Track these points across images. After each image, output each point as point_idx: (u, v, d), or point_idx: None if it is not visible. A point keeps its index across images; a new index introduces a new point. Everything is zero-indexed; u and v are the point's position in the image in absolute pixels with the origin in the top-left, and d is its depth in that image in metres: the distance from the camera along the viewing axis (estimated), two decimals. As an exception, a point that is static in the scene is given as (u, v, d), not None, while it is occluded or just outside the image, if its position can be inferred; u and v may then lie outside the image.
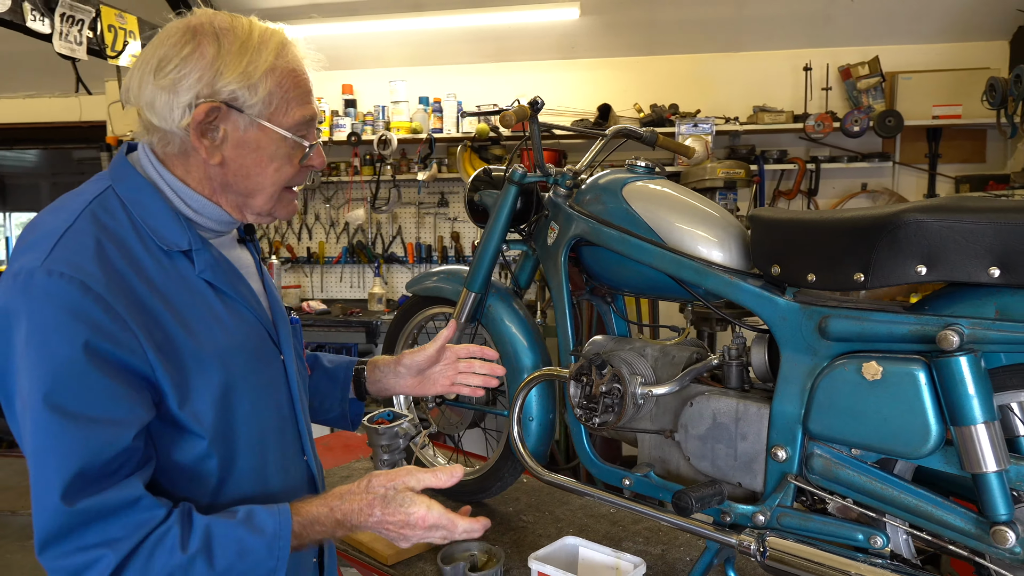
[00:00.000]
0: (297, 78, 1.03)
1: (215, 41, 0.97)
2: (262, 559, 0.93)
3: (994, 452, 1.04)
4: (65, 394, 0.85)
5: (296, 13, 4.23)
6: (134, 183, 0.99)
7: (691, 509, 1.26)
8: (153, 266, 0.95)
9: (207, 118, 0.97)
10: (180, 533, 0.89)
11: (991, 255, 1.05)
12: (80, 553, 0.85)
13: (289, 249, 4.74)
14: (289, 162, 1.05)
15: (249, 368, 1.02)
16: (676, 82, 4.23)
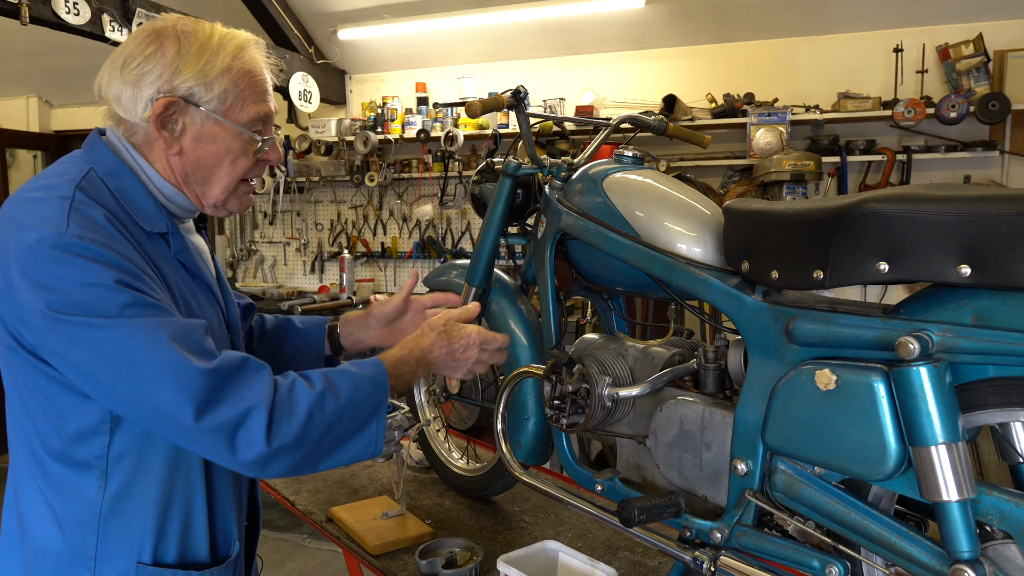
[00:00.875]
0: (252, 78, 1.11)
1: (176, 42, 1.06)
2: (370, 393, 1.09)
3: (955, 478, 0.90)
4: (133, 311, 0.94)
5: (370, 14, 4.35)
6: (113, 167, 1.07)
7: (633, 520, 1.18)
8: (146, 242, 1.05)
9: (166, 111, 1.06)
10: (304, 380, 1.04)
11: (960, 251, 0.91)
12: (235, 407, 0.96)
13: (364, 244, 4.90)
14: (244, 155, 1.13)
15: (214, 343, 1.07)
16: (753, 70, 4.00)
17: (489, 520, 1.92)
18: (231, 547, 1.16)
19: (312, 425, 1.00)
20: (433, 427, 2.18)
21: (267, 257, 5.26)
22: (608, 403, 1.36)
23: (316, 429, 1.01)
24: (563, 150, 4.04)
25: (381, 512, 1.86)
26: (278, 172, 4.85)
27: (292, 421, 0.99)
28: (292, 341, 1.44)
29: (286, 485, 2.15)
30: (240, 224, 5.29)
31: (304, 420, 1.00)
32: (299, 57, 4.39)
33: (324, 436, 1.02)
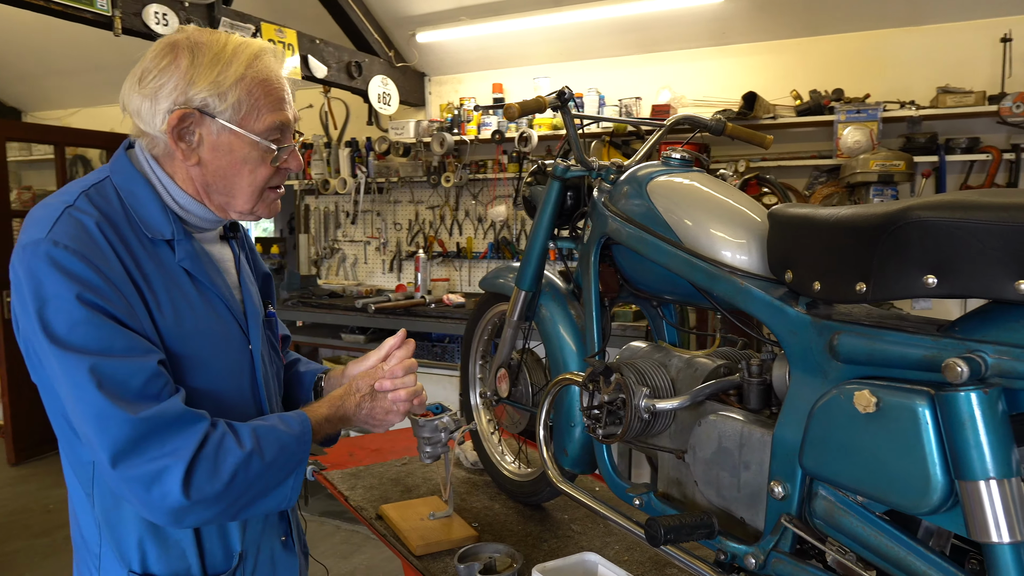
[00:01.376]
0: (267, 87, 1.11)
1: (189, 54, 1.08)
2: (294, 452, 1.11)
3: (1006, 518, 0.81)
4: (83, 338, 0.97)
5: (447, 17, 4.40)
6: (129, 175, 1.11)
7: (660, 539, 1.13)
8: (139, 249, 1.07)
9: (181, 123, 1.07)
10: (234, 436, 1.04)
11: (1017, 264, 0.82)
12: (150, 463, 0.97)
13: (440, 244, 4.96)
14: (263, 164, 1.13)
15: (214, 351, 1.12)
16: (843, 64, 3.78)
17: (536, 527, 1.89)
18: (229, 561, 1.16)
19: (235, 483, 1.02)
20: (487, 429, 2.18)
21: (348, 255, 5.42)
22: (645, 415, 1.31)
23: (238, 487, 1.02)
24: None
25: (429, 512, 1.87)
26: (359, 173, 4.99)
27: (215, 480, 1.00)
28: (292, 383, 1.44)
29: (343, 480, 2.20)
30: (324, 223, 5.47)
31: (228, 479, 1.01)
32: (378, 60, 4.49)
33: (245, 492, 1.04)
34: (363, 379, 1.25)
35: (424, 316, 4.12)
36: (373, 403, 1.23)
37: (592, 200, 1.61)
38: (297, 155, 1.19)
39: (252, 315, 1.22)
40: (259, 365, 1.20)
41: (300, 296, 4.69)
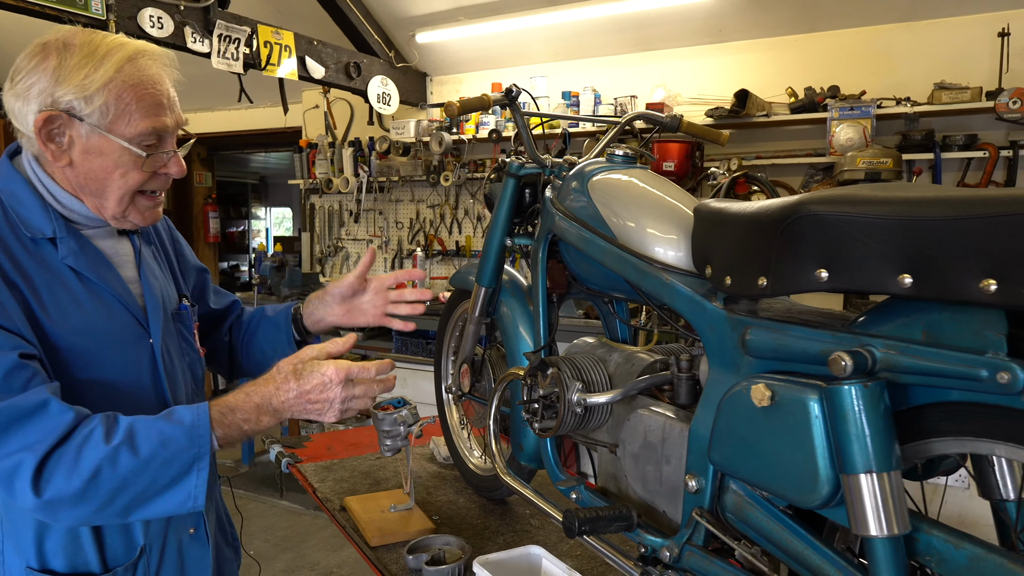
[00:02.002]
0: (139, 91, 1.08)
1: (58, 55, 1.06)
2: (184, 447, 1.00)
3: (883, 511, 0.81)
4: None
5: (446, 17, 4.43)
6: (10, 177, 1.12)
7: (574, 530, 1.14)
8: (19, 250, 1.07)
9: (48, 125, 1.06)
10: (104, 430, 0.98)
11: (901, 258, 0.82)
12: (5, 458, 0.95)
13: (440, 242, 5.00)
14: (135, 168, 1.10)
15: (106, 345, 1.11)
16: (840, 61, 3.74)
17: (496, 520, 1.91)
18: (131, 553, 1.14)
19: (99, 482, 0.95)
20: (456, 424, 2.20)
21: (352, 254, 5.48)
22: (578, 409, 1.32)
23: (104, 486, 0.96)
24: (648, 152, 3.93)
25: (390, 505, 1.90)
26: (362, 172, 5.04)
27: (73, 476, 0.95)
28: (264, 330, 1.45)
29: (315, 472, 2.23)
30: (328, 222, 5.53)
31: (89, 475, 0.95)
32: (378, 61, 4.53)
33: (119, 491, 0.97)
34: (287, 359, 1.10)
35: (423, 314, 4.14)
36: (300, 382, 1.06)
37: (544, 197, 1.63)
38: (178, 160, 1.16)
39: (152, 309, 1.20)
40: (160, 358, 1.18)
41: (300, 293, 4.75)
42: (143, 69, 1.08)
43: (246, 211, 10.80)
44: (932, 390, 0.86)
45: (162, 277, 1.28)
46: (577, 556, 1.70)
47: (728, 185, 3.25)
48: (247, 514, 4.22)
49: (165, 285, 1.28)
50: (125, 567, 1.14)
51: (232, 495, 4.49)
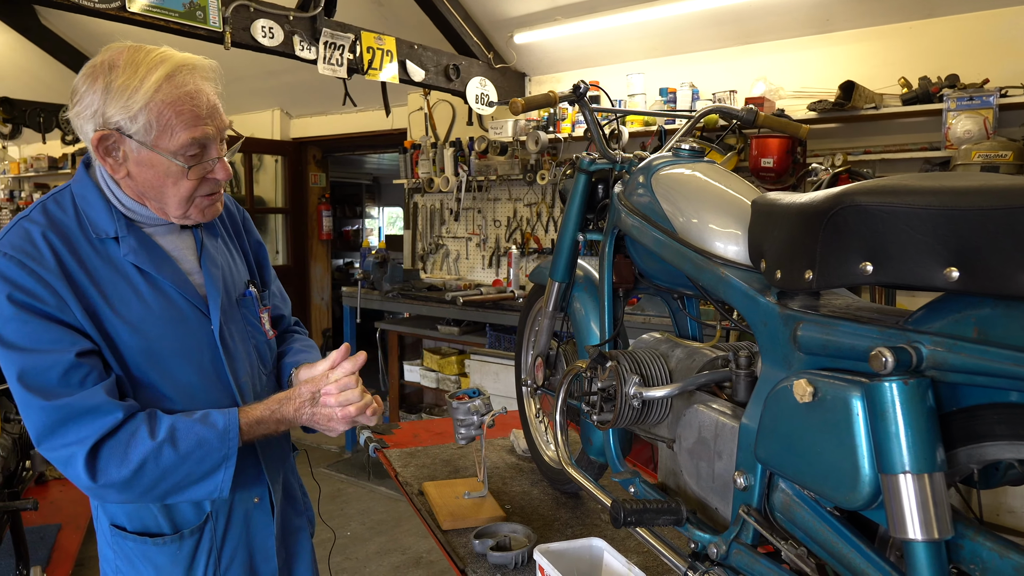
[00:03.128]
0: (178, 107, 1.15)
1: (105, 77, 1.15)
2: (216, 447, 1.18)
3: (922, 515, 0.78)
4: (11, 335, 1.11)
5: (543, 17, 4.47)
6: (84, 184, 1.24)
7: (620, 521, 1.15)
8: (88, 250, 1.19)
9: (103, 142, 1.17)
10: (148, 428, 1.14)
11: (947, 251, 0.78)
12: (62, 449, 1.12)
13: (536, 240, 5.05)
14: (183, 177, 1.20)
15: (167, 332, 1.22)
16: (960, 48, 3.47)
17: (566, 513, 1.93)
18: (198, 517, 1.28)
19: (144, 472, 1.12)
20: (533, 417, 2.24)
21: (451, 251, 5.63)
22: (635, 402, 1.33)
23: (148, 475, 1.13)
24: (730, 145, 3.84)
25: (465, 492, 1.97)
26: (461, 171, 5.18)
27: (123, 466, 1.11)
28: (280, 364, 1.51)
29: (399, 458, 2.34)
30: (430, 220, 5.72)
31: (136, 467, 1.11)
32: (477, 62, 4.64)
33: (159, 481, 1.14)
34: (306, 385, 1.28)
35: (510, 310, 4.22)
36: (314, 409, 1.26)
37: (612, 192, 1.64)
38: (224, 165, 1.24)
39: (212, 296, 1.29)
40: (219, 340, 1.28)
41: (401, 289, 4.95)
42: (181, 85, 1.16)
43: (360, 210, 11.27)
44: (986, 390, 0.81)
45: (226, 266, 1.36)
46: (644, 553, 1.70)
47: (829, 182, 3.11)
48: (347, 497, 4.44)
49: (229, 273, 1.36)
50: (193, 529, 1.28)
51: (334, 479, 4.72)
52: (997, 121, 3.12)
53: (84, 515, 3.35)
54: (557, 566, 1.43)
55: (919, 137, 3.53)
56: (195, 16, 2.92)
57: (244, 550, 1.34)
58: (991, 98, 3.09)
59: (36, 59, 7.23)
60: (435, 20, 4.47)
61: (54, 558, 2.93)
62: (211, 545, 1.30)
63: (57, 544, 3.04)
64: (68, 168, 8.76)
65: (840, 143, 3.73)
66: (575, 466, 1.57)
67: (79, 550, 3.12)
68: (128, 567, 1.28)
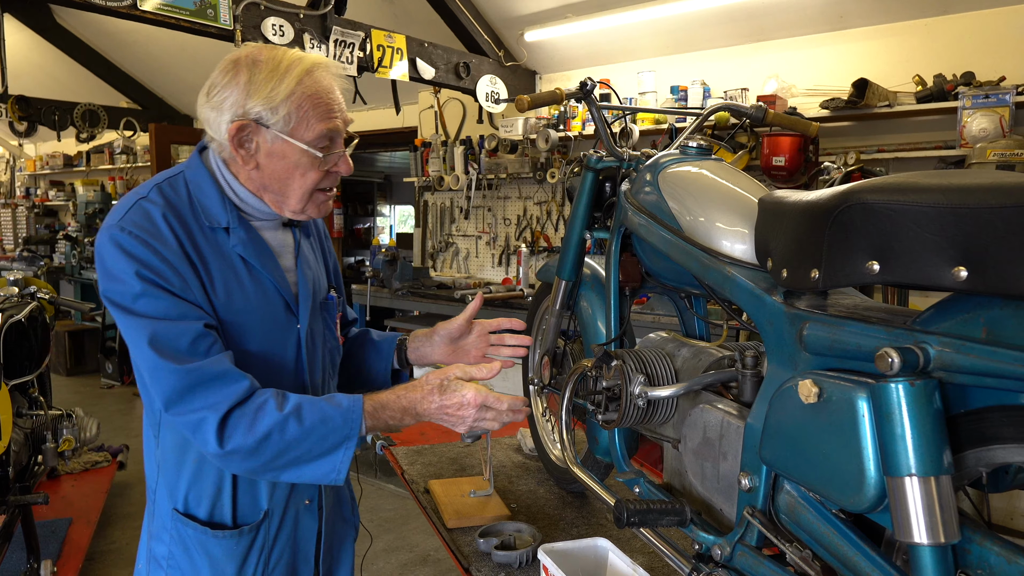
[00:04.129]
0: (316, 100, 1.20)
1: (248, 71, 1.19)
2: (339, 426, 1.16)
3: (928, 519, 0.76)
4: (137, 304, 1.13)
5: (554, 15, 4.46)
6: (198, 172, 1.26)
7: (623, 521, 1.14)
8: (200, 235, 1.21)
9: (240, 132, 1.20)
10: (275, 401, 1.14)
11: (955, 250, 0.77)
12: (192, 413, 1.11)
13: (545, 239, 5.04)
14: (312, 168, 1.24)
15: (260, 325, 1.24)
16: (976, 45, 3.43)
17: (572, 512, 1.92)
18: (256, 515, 1.28)
19: (269, 442, 1.11)
20: (540, 415, 2.23)
21: (461, 249, 5.63)
22: (640, 402, 1.32)
23: (273, 446, 1.12)
24: (742, 143, 3.81)
25: (471, 490, 1.96)
26: (472, 169, 5.17)
27: (249, 435, 1.11)
28: (367, 351, 1.56)
29: (406, 455, 2.34)
30: (440, 218, 5.72)
31: (262, 436, 1.11)
32: (487, 60, 4.63)
33: (282, 453, 1.13)
34: (436, 373, 1.26)
35: (519, 308, 4.22)
36: (443, 396, 1.22)
37: (619, 190, 1.62)
38: (347, 160, 1.28)
39: (303, 297, 1.31)
40: (304, 341, 1.30)
41: (411, 287, 4.95)
42: (318, 80, 1.20)
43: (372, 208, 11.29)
44: (994, 392, 0.80)
45: (316, 267, 1.39)
46: (649, 553, 1.69)
47: (842, 180, 3.07)
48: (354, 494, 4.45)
49: (318, 275, 1.39)
50: (251, 527, 1.27)
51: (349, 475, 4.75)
52: (1013, 119, 3.08)
53: (95, 509, 3.38)
54: (561, 566, 1.42)
55: (934, 135, 3.49)
56: (206, 14, 2.93)
57: (290, 551, 1.34)
58: (1007, 96, 3.05)
59: (51, 58, 7.30)
60: (445, 18, 4.47)
61: (65, 552, 2.95)
62: (263, 543, 1.30)
63: (68, 538, 3.06)
64: (82, 165, 8.85)
65: (853, 141, 3.69)
66: (580, 465, 1.56)
67: (89, 544, 3.14)
68: (183, 554, 1.27)
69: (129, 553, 3.45)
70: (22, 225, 9.65)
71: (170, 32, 3.01)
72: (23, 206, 9.59)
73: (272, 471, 1.15)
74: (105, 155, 8.51)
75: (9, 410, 2.64)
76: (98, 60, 7.21)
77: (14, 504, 2.65)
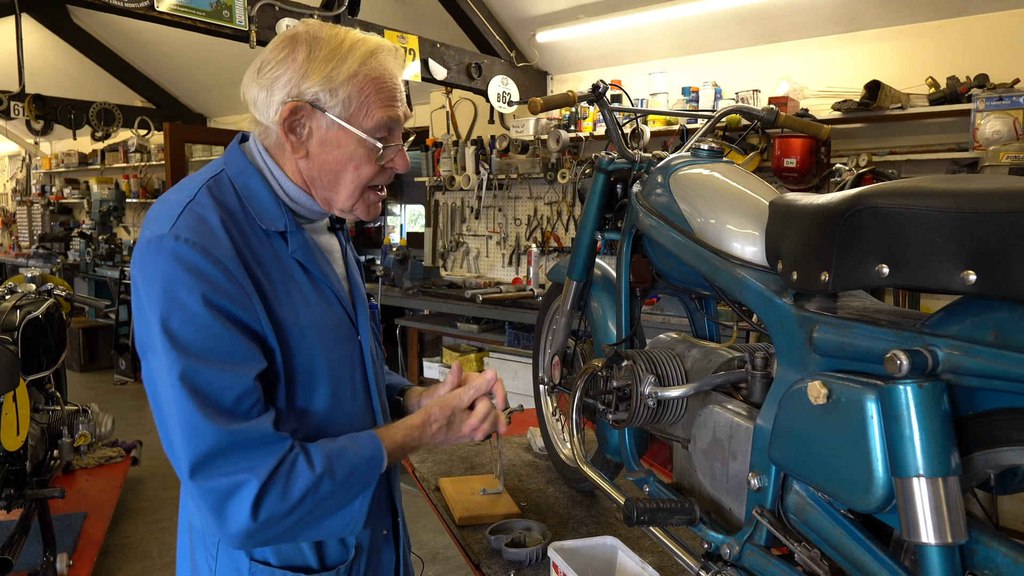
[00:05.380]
0: (379, 84, 1.08)
1: (307, 48, 1.07)
2: (364, 474, 1.07)
3: (935, 519, 0.77)
4: (191, 338, 0.96)
5: (566, 16, 4.47)
6: (243, 168, 1.12)
7: (632, 519, 1.15)
8: (256, 241, 1.07)
9: (293, 115, 1.07)
10: (305, 458, 1.01)
11: (964, 253, 0.78)
12: (227, 477, 0.95)
13: (556, 239, 5.05)
14: (368, 161, 1.10)
15: (328, 344, 1.11)
16: (990, 47, 3.42)
17: (581, 511, 1.94)
18: (346, 553, 1.15)
19: (303, 505, 1.00)
20: (551, 415, 2.25)
21: (472, 249, 5.65)
22: (650, 402, 1.33)
23: (305, 508, 1.00)
24: (753, 145, 3.81)
25: (481, 488, 1.98)
26: (483, 170, 5.20)
27: (284, 500, 0.98)
28: None
29: (416, 454, 2.36)
30: (451, 218, 5.74)
31: (297, 500, 0.99)
32: (499, 61, 4.65)
33: (310, 513, 1.02)
34: (439, 408, 1.19)
35: (529, 308, 4.23)
36: (450, 431, 1.19)
37: (631, 192, 1.64)
38: (404, 155, 1.15)
39: (360, 306, 1.21)
40: (368, 355, 1.20)
41: (421, 286, 4.98)
42: (382, 64, 1.09)
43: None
44: (1003, 395, 0.80)
45: (359, 274, 1.30)
46: (658, 552, 1.70)
47: (853, 182, 3.07)
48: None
49: (362, 283, 1.30)
50: (341, 565, 1.15)
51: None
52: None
53: (109, 504, 3.42)
54: (571, 564, 1.44)
55: (946, 138, 3.48)
56: (221, 15, 2.96)
57: None
58: (1021, 98, 3.04)
59: (68, 57, 7.38)
60: (458, 19, 4.49)
61: (80, 545, 2.99)
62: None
63: (83, 532, 3.10)
64: (97, 164, 8.94)
65: (865, 143, 3.69)
66: (590, 465, 1.57)
67: (104, 538, 3.18)
68: None
69: (143, 547, 3.50)
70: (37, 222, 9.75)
71: (185, 32, 3.04)
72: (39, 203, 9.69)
73: (292, 535, 1.03)
74: (120, 154, 8.59)
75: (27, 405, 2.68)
76: (114, 60, 7.29)
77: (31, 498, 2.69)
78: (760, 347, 1.38)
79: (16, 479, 2.66)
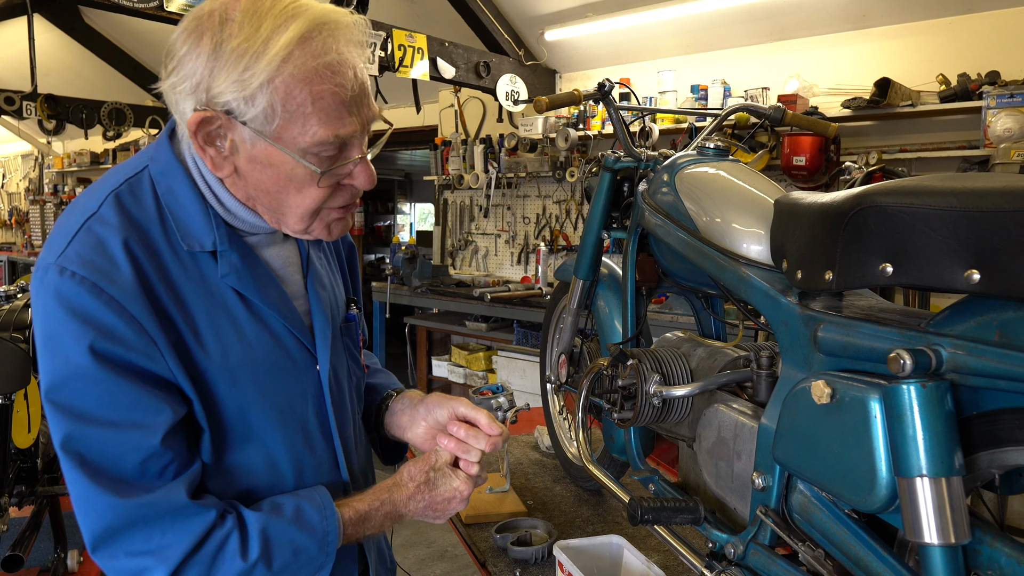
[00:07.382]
0: (316, 87, 0.81)
1: (214, 36, 0.80)
2: (313, 556, 0.91)
3: (939, 519, 0.77)
4: (75, 397, 0.80)
5: (575, 14, 4.46)
6: (169, 167, 0.89)
7: (636, 518, 1.15)
8: (174, 264, 0.87)
9: (205, 127, 0.83)
10: (239, 539, 0.85)
11: (968, 252, 0.77)
12: (128, 558, 0.82)
13: (564, 238, 5.05)
14: (311, 184, 0.87)
15: (269, 384, 0.93)
16: (1002, 44, 3.38)
17: (587, 510, 1.94)
18: None
19: None
20: (557, 414, 2.25)
21: (480, 247, 5.66)
22: (655, 401, 1.33)
23: None
24: (762, 143, 3.79)
25: (487, 487, 1.98)
26: (491, 168, 5.20)
27: None
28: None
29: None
30: (459, 217, 5.75)
31: None
32: (508, 59, 4.65)
33: None
34: (417, 465, 1.01)
35: (537, 307, 4.23)
36: (432, 493, 0.99)
37: (636, 191, 1.64)
38: (366, 168, 0.90)
39: (320, 329, 1.00)
40: (327, 386, 1.00)
41: (430, 284, 4.99)
42: (321, 53, 0.80)
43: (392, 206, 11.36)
44: (1007, 395, 0.80)
45: (330, 283, 1.08)
46: (663, 551, 1.70)
47: (863, 180, 3.05)
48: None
49: (334, 292, 1.08)
50: None
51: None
52: (1041, 119, 3.04)
53: (120, 501, 3.44)
54: (577, 562, 1.44)
55: (957, 135, 3.45)
56: (230, 15, 2.96)
57: None
58: (1033, 95, 3.01)
59: (80, 57, 7.44)
60: (466, 17, 4.49)
61: (91, 542, 3.01)
62: None
63: (94, 528, 3.12)
64: (109, 163, 9.01)
65: (875, 141, 3.66)
66: (596, 463, 1.58)
67: (115, 535, 3.21)
68: None
69: (153, 544, 3.52)
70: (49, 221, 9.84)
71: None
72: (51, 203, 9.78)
73: None
74: (131, 153, 8.66)
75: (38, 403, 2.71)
76: (125, 59, 7.34)
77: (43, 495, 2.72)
78: (765, 346, 1.37)
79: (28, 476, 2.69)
